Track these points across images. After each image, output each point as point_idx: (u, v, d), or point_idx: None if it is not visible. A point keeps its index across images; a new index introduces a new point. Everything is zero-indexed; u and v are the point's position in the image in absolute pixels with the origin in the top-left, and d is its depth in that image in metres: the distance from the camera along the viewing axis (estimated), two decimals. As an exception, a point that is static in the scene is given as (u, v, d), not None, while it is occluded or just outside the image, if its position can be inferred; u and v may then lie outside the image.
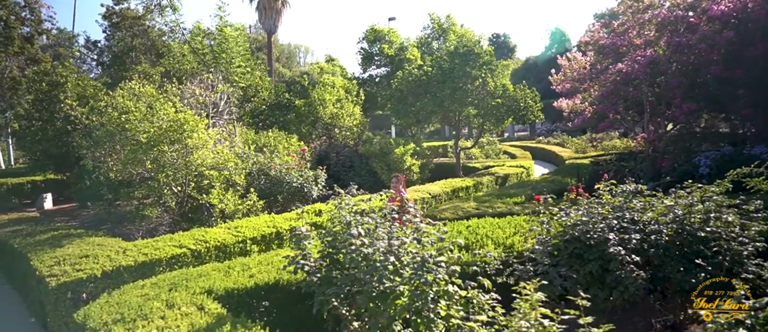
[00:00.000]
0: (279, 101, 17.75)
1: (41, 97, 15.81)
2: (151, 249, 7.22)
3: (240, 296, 5.31)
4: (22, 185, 18.42)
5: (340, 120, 17.07)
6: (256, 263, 6.07)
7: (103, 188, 12.02)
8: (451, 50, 18.16)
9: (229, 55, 14.47)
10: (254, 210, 10.18)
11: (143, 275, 6.83)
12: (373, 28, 22.65)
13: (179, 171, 9.32)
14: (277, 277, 5.59)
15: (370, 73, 23.92)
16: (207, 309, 4.75)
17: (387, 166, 14.29)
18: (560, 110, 17.81)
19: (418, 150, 15.30)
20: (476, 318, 4.03)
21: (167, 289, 5.26)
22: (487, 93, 17.50)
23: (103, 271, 6.55)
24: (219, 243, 7.77)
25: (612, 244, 5.17)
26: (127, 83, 9.92)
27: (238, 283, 5.41)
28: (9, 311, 7.56)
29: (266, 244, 8.39)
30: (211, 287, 5.26)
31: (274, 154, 12.93)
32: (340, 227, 5.26)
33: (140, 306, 4.80)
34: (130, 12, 25.84)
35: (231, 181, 10.55)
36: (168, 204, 9.49)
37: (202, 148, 9.13)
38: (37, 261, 6.86)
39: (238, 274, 5.71)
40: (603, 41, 14.38)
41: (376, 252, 4.41)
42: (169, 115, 8.83)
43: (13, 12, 25.57)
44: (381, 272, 4.23)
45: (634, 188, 6.00)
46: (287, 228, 8.72)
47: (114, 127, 9.47)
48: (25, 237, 8.37)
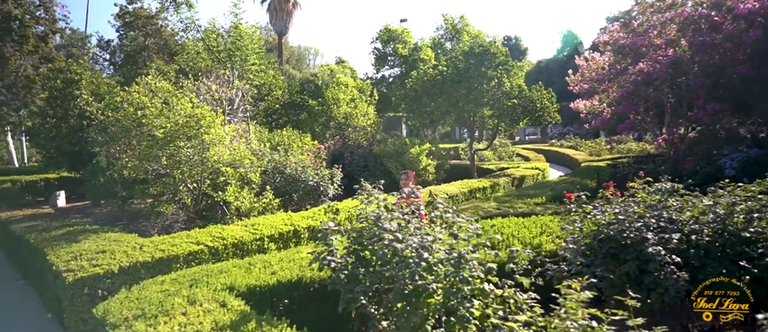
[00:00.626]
0: (292, 100, 17.63)
1: (56, 94, 15.81)
2: (168, 246, 7.09)
3: (262, 293, 5.15)
4: (35, 182, 18.48)
5: (354, 119, 16.91)
6: (277, 260, 5.91)
7: (117, 185, 11.94)
8: (466, 50, 17.97)
9: (243, 52, 14.38)
10: (270, 208, 10.04)
11: (160, 271, 6.70)
12: (387, 28, 22.50)
13: (195, 168, 9.20)
14: (299, 275, 5.42)
15: (383, 73, 23.78)
16: (229, 305, 4.59)
17: (402, 166, 14.09)
18: (576, 112, 17.55)
19: (434, 150, 15.12)
20: (516, 317, 3.82)
21: (188, 285, 5.11)
22: (502, 93, 17.28)
23: (120, 267, 6.43)
24: (236, 240, 7.63)
25: (651, 244, 4.95)
26: (143, 78, 9.81)
27: (260, 280, 5.25)
28: (25, 306, 7.45)
29: (284, 242, 8.23)
30: (232, 283, 5.11)
31: (288, 152, 12.80)
32: (365, 223, 5.10)
33: (161, 302, 4.65)
34: (143, 11, 25.92)
35: (246, 179, 10.41)
36: (183, 201, 9.36)
37: (218, 144, 9.00)
38: (53, 256, 6.74)
39: (260, 271, 5.55)
40: (622, 41, 14.13)
41: (408, 248, 4.22)
42: (185, 110, 8.71)
43: (28, 11, 25.72)
44: (413, 269, 4.05)
45: (669, 186, 5.77)
46: (305, 226, 8.57)
47: (129, 122, 9.37)
48: (41, 233, 8.27)
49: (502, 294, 4.09)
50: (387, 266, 4.37)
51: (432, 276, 4.09)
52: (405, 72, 21.50)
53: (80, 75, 16.02)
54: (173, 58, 21.08)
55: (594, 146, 28.47)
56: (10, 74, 24.76)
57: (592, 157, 24.73)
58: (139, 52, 25.47)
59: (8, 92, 24.66)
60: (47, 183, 18.56)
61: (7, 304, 7.59)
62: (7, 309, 7.37)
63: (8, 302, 7.69)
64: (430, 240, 4.28)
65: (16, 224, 9.56)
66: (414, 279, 4.04)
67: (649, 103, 14.09)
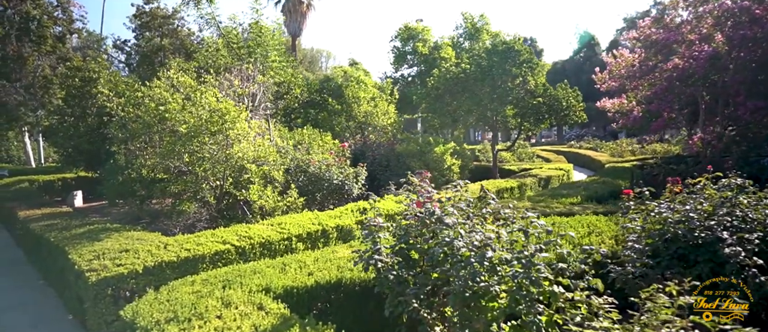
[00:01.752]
0: (312, 99, 17.31)
1: (74, 92, 15.66)
2: (194, 245, 6.75)
3: (299, 295, 4.77)
4: (52, 182, 18.36)
5: (374, 118, 16.53)
6: (312, 260, 5.53)
7: (136, 184, 11.68)
8: (488, 48, 17.55)
9: (264, 48, 14.09)
10: (294, 207, 9.68)
11: (186, 272, 6.37)
12: (407, 26, 22.08)
13: (218, 165, 8.87)
14: (338, 275, 5.04)
15: (402, 72, 23.34)
16: (267, 308, 4.22)
17: (426, 166, 13.67)
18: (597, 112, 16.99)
19: (458, 149, 14.68)
20: (596, 324, 3.40)
21: (220, 286, 4.75)
22: (526, 92, 16.83)
23: (144, 266, 6.09)
24: (264, 239, 7.27)
25: (728, 245, 4.50)
26: (164, 72, 9.52)
27: (297, 281, 4.88)
28: (46, 308, 7.16)
29: (312, 242, 7.87)
30: (268, 285, 4.74)
31: (309, 151, 12.46)
32: (412, 220, 4.72)
33: (194, 304, 4.29)
34: (159, 11, 25.81)
35: (269, 177, 10.08)
36: (206, 199, 9.03)
37: (243, 140, 8.66)
38: (75, 255, 6.44)
39: (296, 272, 5.18)
40: (655, 36, 13.59)
41: (465, 247, 3.82)
42: (210, 104, 8.38)
43: (46, 11, 25.77)
44: (474, 269, 3.64)
45: (740, 182, 5.30)
46: (333, 225, 8.20)
47: (151, 117, 9.08)
48: (61, 231, 7.99)
49: (572, 297, 3.68)
50: (442, 266, 3.98)
51: (495, 278, 3.69)
52: (424, 71, 21.06)
53: (98, 73, 15.86)
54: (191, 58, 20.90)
55: (615, 147, 27.81)
56: (28, 74, 24.78)
57: (615, 159, 24.10)
58: (155, 52, 25.34)
59: (26, 92, 24.66)
60: (64, 183, 18.43)
61: (26, 305, 7.31)
62: (26, 310, 7.08)
63: (28, 303, 7.41)
64: (492, 238, 3.88)
65: (35, 223, 9.32)
66: (475, 280, 3.64)
67: (683, 101, 13.53)
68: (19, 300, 7.47)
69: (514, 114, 17.57)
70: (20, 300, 7.47)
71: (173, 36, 25.88)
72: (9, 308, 7.17)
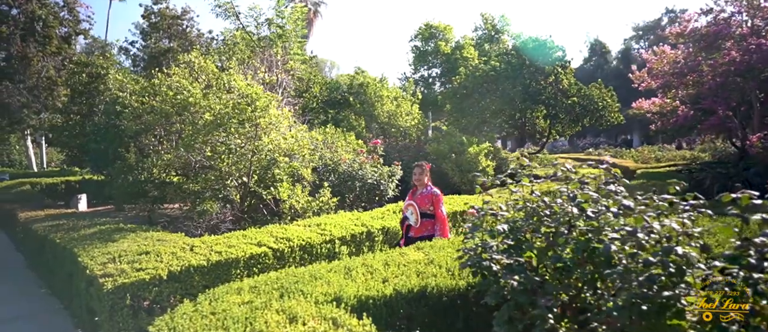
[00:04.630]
0: (332, 98, 16.35)
1: (80, 89, 14.73)
2: (225, 247, 5.74)
3: (377, 307, 3.74)
4: (55, 185, 17.37)
5: (398, 119, 15.54)
6: (381, 264, 4.50)
7: (148, 184, 10.67)
8: (517, 45, 16.63)
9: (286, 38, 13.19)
10: (326, 208, 8.65)
11: (217, 278, 5.36)
12: (428, 25, 21.19)
13: (244, 158, 7.87)
14: (421, 283, 4.00)
15: (421, 73, 22.37)
16: (344, 324, 3.19)
17: (458, 168, 12.68)
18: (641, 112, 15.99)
19: (492, 150, 13.70)
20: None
21: (277, 296, 3.72)
22: (559, 91, 15.86)
23: (169, 271, 5.07)
24: (304, 242, 6.25)
25: None
26: (184, 55, 8.56)
27: (372, 290, 3.84)
28: (51, 323, 6.11)
29: (356, 246, 6.85)
30: (338, 294, 3.71)
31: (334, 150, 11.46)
32: (523, 213, 3.71)
33: (248, 319, 3.26)
34: (169, 12, 25.01)
35: (297, 175, 9.07)
36: (231, 198, 8.00)
37: (273, 130, 7.67)
38: (86, 257, 5.42)
39: (366, 278, 4.15)
40: (705, 29, 12.65)
41: (641, 241, 2.80)
42: (240, 88, 7.39)
43: (52, 11, 24.98)
44: (651, 273, 2.63)
45: None
46: (378, 227, 7.18)
47: (169, 106, 8.10)
48: (68, 232, 6.97)
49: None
50: (631, 268, 2.96)
51: (682, 285, 2.68)
52: (446, 71, 20.12)
53: (106, 69, 14.93)
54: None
55: (638, 154, 26.82)
56: (32, 76, 23.90)
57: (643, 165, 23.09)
58: (164, 54, 24.48)
59: (29, 94, 23.76)
60: (68, 186, 17.42)
61: (26, 318, 6.26)
62: (25, 326, 6.04)
63: (27, 316, 6.36)
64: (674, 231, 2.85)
65: (37, 223, 8.30)
66: (652, 286, 2.61)
67: (736, 98, 12.56)
68: (18, 312, 6.42)
69: (545, 115, 16.60)
70: (18, 313, 6.42)
71: (182, 37, 25.07)
72: (1, 321, 6.12)
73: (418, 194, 6.08)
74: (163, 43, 25.39)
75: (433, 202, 5.96)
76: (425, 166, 6.34)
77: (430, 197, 5.99)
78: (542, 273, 3.59)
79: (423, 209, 5.95)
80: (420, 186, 6.14)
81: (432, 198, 5.98)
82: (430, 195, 6.01)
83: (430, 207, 5.97)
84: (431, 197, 5.99)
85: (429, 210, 5.97)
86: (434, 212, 5.96)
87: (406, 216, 6.11)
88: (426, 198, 6.00)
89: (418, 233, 5.94)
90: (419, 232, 5.93)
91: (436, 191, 6.08)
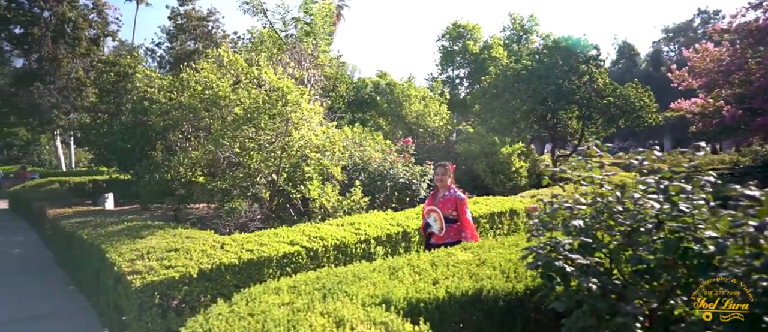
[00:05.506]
0: (359, 97, 16.07)
1: (108, 88, 14.74)
2: (256, 246, 5.46)
3: (428, 311, 3.38)
4: (83, 184, 17.50)
5: (426, 119, 15.16)
6: (428, 264, 4.14)
7: (175, 183, 10.51)
8: (549, 43, 16.11)
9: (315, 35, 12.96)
10: (357, 208, 8.33)
11: (249, 278, 5.09)
12: (456, 24, 20.78)
13: (273, 154, 7.60)
14: (475, 285, 3.63)
15: (448, 73, 21.94)
16: (399, 330, 2.85)
17: (490, 169, 12.23)
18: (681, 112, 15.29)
19: (525, 151, 13.20)
20: None
21: (319, 297, 3.39)
22: (593, 91, 15.29)
23: (200, 269, 4.81)
24: (338, 241, 5.94)
25: None
26: (213, 50, 8.36)
27: (423, 292, 3.49)
28: (77, 321, 5.91)
29: (392, 246, 6.52)
30: (387, 296, 3.36)
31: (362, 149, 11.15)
32: (590, 209, 3.32)
33: (291, 322, 2.94)
34: (195, 13, 25.18)
35: (327, 174, 8.77)
36: (260, 195, 7.73)
37: (305, 125, 7.38)
38: (114, 253, 5.19)
39: (414, 279, 3.80)
40: (754, 24, 11.98)
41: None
42: (271, 81, 7.13)
43: (81, 14, 25.38)
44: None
45: None
46: (414, 227, 6.83)
47: (197, 101, 7.89)
48: (96, 229, 6.80)
49: None
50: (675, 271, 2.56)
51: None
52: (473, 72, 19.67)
53: (134, 68, 14.92)
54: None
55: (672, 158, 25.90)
56: (62, 77, 24.29)
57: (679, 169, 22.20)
58: (189, 55, 24.63)
59: (59, 95, 24.14)
60: (95, 185, 17.54)
61: (50, 317, 6.07)
62: (50, 323, 5.85)
63: (52, 314, 6.18)
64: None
65: (65, 220, 8.18)
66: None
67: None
68: (44, 310, 6.25)
69: (578, 116, 16.04)
70: (45, 310, 6.25)
71: (207, 38, 25.20)
72: (29, 318, 5.95)
73: (440, 197, 5.50)
74: (188, 44, 25.58)
75: (456, 207, 5.40)
76: (449, 166, 5.66)
77: (453, 201, 5.41)
78: (616, 276, 3.21)
79: (446, 213, 5.39)
80: (442, 188, 5.54)
81: (455, 203, 5.40)
82: (454, 198, 5.42)
83: (453, 211, 5.40)
84: (455, 201, 5.41)
85: (452, 215, 5.41)
86: (459, 218, 5.40)
87: (429, 223, 5.54)
88: (449, 202, 5.43)
89: (441, 240, 5.37)
90: (442, 239, 5.37)
91: (459, 195, 5.47)
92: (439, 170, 5.58)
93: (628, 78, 42.39)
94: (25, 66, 25.05)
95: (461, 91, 21.20)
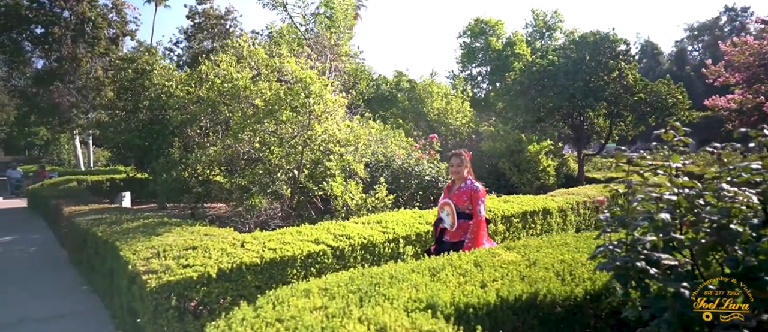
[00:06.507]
0: (379, 94, 15.70)
1: (126, 85, 14.60)
2: (279, 244, 5.08)
3: (478, 317, 2.97)
4: (101, 183, 17.44)
5: (448, 116, 14.71)
6: (471, 265, 3.73)
7: (192, 181, 10.24)
8: (576, 39, 15.57)
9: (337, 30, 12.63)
10: (381, 206, 7.93)
11: (271, 278, 4.72)
12: (478, 20, 20.26)
13: (294, 149, 7.24)
14: (529, 289, 3.21)
15: (470, 70, 21.44)
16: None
17: (516, 167, 11.75)
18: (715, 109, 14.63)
19: (553, 148, 12.68)
20: None
21: (355, 300, 2.99)
22: (623, 87, 14.70)
23: (219, 269, 4.45)
24: (365, 240, 5.55)
25: None
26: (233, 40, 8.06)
27: (471, 296, 3.07)
28: (88, 323, 5.61)
29: (422, 245, 6.12)
30: (432, 300, 2.95)
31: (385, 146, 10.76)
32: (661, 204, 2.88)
33: (325, 330, 2.55)
34: (213, 12, 25.09)
35: (349, 171, 8.39)
36: (281, 192, 7.38)
37: (328, 118, 7.01)
38: (128, 251, 4.87)
39: (459, 281, 3.38)
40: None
41: None
42: (294, 71, 6.78)
43: (101, 13, 25.47)
44: None
45: None
46: (445, 226, 6.40)
47: (216, 95, 7.57)
48: (111, 226, 6.52)
49: None
50: None
51: None
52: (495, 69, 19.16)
53: (152, 65, 14.76)
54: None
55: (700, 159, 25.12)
56: (81, 76, 24.38)
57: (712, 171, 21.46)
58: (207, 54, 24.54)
59: (78, 94, 24.24)
60: (113, 183, 17.47)
61: (61, 318, 5.78)
62: (62, 323, 5.55)
63: (64, 314, 5.88)
64: None
65: (81, 217, 7.94)
66: None
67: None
68: (54, 311, 5.96)
69: (606, 114, 15.48)
70: (55, 311, 5.96)
71: (225, 37, 25.08)
72: (39, 320, 5.66)
73: (456, 190, 4.92)
74: (206, 44, 25.50)
75: (471, 199, 4.79)
76: (464, 154, 5.03)
77: (469, 193, 4.80)
78: (699, 280, 2.76)
79: (460, 208, 4.81)
80: (458, 180, 4.96)
81: (471, 195, 4.79)
82: (470, 190, 4.80)
83: (468, 205, 4.81)
84: (470, 193, 4.79)
85: (467, 210, 4.83)
86: (472, 211, 4.78)
87: (442, 217, 5.01)
88: (464, 194, 4.82)
89: (454, 237, 4.84)
90: (456, 236, 4.84)
91: (477, 185, 4.84)
92: (454, 160, 4.99)
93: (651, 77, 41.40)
94: (45, 66, 25.23)
95: (483, 89, 20.67)
